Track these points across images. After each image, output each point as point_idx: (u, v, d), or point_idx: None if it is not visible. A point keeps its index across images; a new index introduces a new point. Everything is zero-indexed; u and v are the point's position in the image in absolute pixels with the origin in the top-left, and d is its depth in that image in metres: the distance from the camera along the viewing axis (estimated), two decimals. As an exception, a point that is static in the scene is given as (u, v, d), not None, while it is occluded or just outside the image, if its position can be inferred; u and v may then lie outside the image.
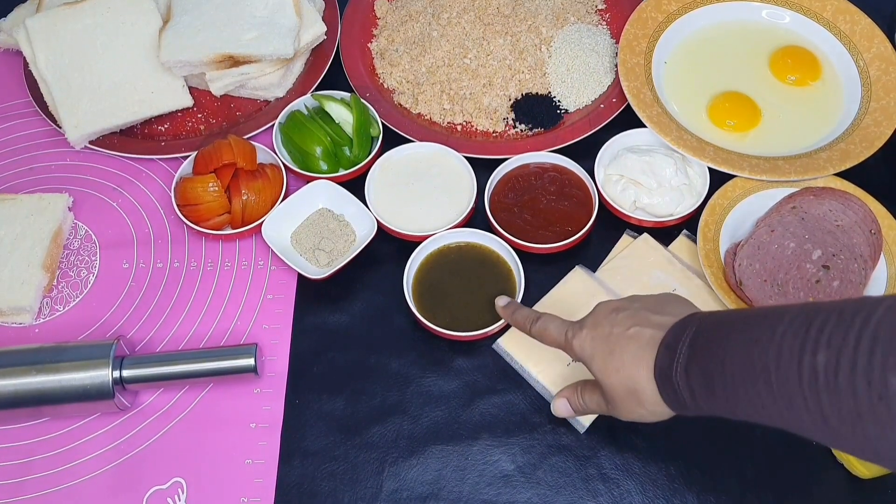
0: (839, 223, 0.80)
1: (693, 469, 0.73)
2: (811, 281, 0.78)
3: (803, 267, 0.78)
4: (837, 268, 0.78)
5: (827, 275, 0.78)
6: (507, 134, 0.94)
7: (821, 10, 0.98)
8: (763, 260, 0.79)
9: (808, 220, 0.81)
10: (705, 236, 0.82)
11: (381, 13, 1.05)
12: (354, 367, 0.80)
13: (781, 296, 0.77)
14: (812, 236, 0.80)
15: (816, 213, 0.81)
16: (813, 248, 0.79)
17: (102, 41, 0.96)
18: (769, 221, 0.81)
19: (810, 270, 0.78)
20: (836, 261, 0.78)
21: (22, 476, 0.75)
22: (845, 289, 0.77)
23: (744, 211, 0.84)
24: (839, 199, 0.82)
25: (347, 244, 0.85)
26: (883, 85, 0.91)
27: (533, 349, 0.78)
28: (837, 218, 0.81)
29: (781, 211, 0.82)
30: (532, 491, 0.73)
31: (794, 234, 0.80)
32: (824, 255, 0.78)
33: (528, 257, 0.82)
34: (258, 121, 0.95)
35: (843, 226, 0.80)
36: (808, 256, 0.79)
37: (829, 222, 0.81)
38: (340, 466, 0.74)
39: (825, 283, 0.78)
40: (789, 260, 0.79)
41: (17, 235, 0.86)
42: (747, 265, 0.78)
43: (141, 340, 0.82)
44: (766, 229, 0.80)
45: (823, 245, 0.79)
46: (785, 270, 0.78)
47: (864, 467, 0.70)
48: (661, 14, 0.98)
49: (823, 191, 0.83)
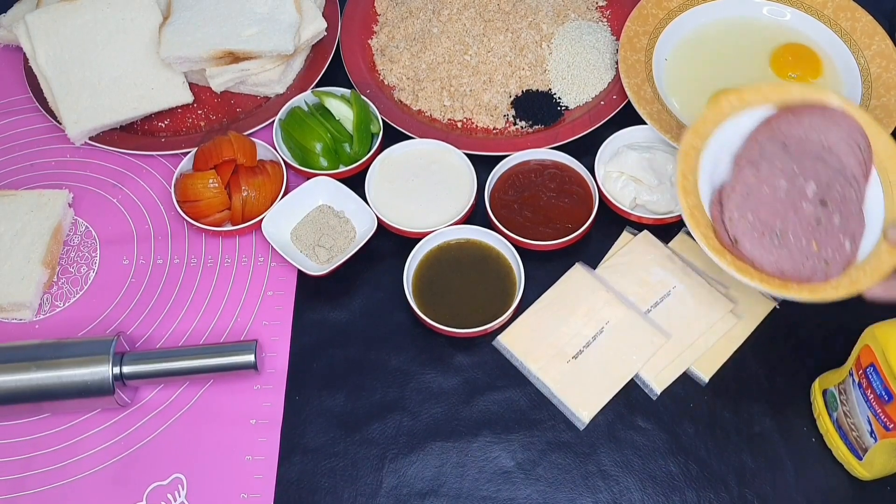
0: (823, 142, 0.72)
1: (692, 466, 0.73)
2: (811, 223, 0.69)
3: (800, 208, 0.69)
4: (835, 200, 0.70)
5: (826, 211, 0.69)
6: (507, 131, 0.94)
7: (821, 7, 0.97)
8: (755, 208, 0.69)
9: (792, 146, 0.71)
10: (685, 189, 0.72)
11: (382, 9, 1.05)
12: (354, 363, 0.80)
13: (783, 247, 0.69)
14: (801, 167, 0.70)
15: (798, 135, 0.72)
16: (806, 182, 0.70)
17: (102, 37, 0.96)
18: (750, 156, 0.71)
19: (808, 210, 0.69)
20: (832, 192, 0.70)
21: (22, 472, 0.75)
22: (847, 223, 0.70)
23: (717, 148, 0.74)
24: (819, 113, 0.73)
25: (347, 241, 0.85)
26: (883, 82, 0.91)
27: (533, 346, 0.79)
28: (821, 136, 0.72)
29: (760, 140, 0.72)
30: (532, 487, 0.73)
31: (782, 169, 0.70)
32: (819, 189, 0.70)
33: (528, 254, 0.82)
34: (258, 117, 0.95)
35: (829, 145, 0.72)
36: (803, 194, 0.69)
37: (813, 144, 0.72)
38: (340, 463, 0.75)
39: (825, 221, 0.69)
40: (783, 203, 0.70)
41: (17, 232, 0.86)
42: (739, 218, 0.69)
43: (141, 337, 0.82)
44: (751, 169, 0.70)
45: (816, 175, 0.70)
46: (781, 217, 0.69)
47: (864, 468, 0.70)
48: (661, 11, 0.98)
49: (801, 108, 0.74)
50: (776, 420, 0.75)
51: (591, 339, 0.79)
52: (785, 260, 0.68)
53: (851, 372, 0.68)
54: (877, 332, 0.65)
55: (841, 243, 0.69)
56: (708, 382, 0.77)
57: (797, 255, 0.69)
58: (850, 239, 0.70)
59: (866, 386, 0.66)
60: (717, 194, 0.72)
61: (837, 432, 0.72)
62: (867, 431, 0.67)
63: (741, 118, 0.75)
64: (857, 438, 0.69)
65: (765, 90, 0.75)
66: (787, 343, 0.79)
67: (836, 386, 0.71)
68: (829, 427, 0.72)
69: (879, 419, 0.65)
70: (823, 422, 0.73)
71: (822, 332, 0.79)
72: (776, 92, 0.75)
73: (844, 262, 0.69)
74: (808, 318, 0.80)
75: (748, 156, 0.72)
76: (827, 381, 0.73)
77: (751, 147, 0.72)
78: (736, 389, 0.77)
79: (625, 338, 0.78)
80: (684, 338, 0.79)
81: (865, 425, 0.67)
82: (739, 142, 0.74)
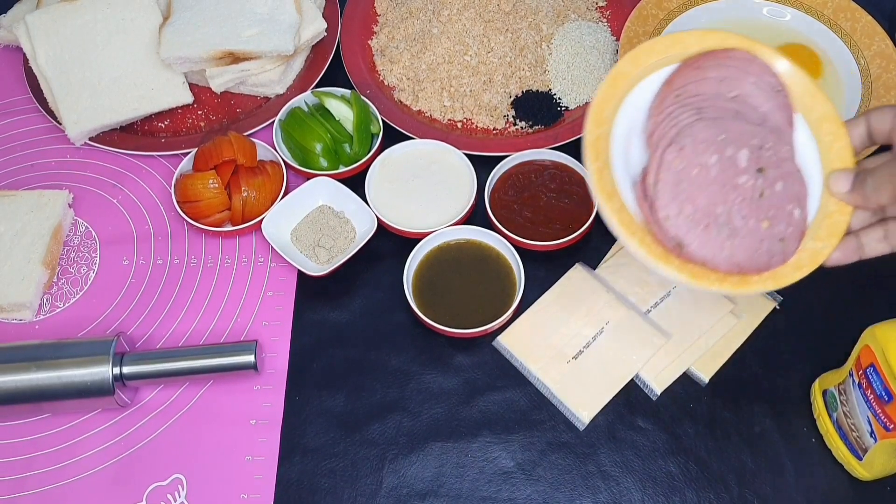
0: (736, 93, 0.62)
1: (692, 467, 0.73)
2: (755, 198, 0.59)
3: (739, 184, 0.59)
4: (771, 163, 0.60)
5: (766, 179, 0.60)
6: (507, 131, 0.94)
7: (821, 8, 0.98)
8: (691, 197, 0.59)
9: (707, 108, 0.61)
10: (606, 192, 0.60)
11: (382, 10, 1.05)
12: (354, 363, 0.80)
13: (734, 237, 0.59)
14: (726, 132, 0.60)
15: (709, 93, 0.62)
16: (737, 150, 0.60)
17: (102, 37, 0.96)
18: (664, 132, 0.61)
19: (747, 183, 0.59)
20: (766, 154, 0.60)
21: (22, 472, 0.75)
22: (790, 186, 0.60)
23: (625, 127, 0.63)
24: (723, 61, 0.63)
25: (347, 241, 0.85)
26: (883, 83, 0.91)
27: (533, 347, 0.79)
28: (732, 88, 0.62)
29: (669, 109, 0.61)
30: (532, 488, 0.73)
31: (705, 140, 0.59)
32: (752, 154, 0.60)
33: (528, 254, 0.82)
34: (258, 117, 0.95)
35: (743, 95, 0.62)
36: (736, 165, 0.59)
37: (726, 99, 0.61)
38: (340, 463, 0.75)
39: (769, 192, 0.60)
40: (719, 182, 0.59)
41: (17, 232, 0.86)
42: (676, 214, 0.58)
43: (141, 337, 0.82)
44: (674, 149, 0.59)
45: (742, 139, 0.60)
46: (721, 199, 0.59)
47: (864, 469, 0.70)
48: (661, 11, 0.98)
49: (702, 58, 0.63)
50: (776, 420, 0.75)
51: (591, 340, 0.79)
52: (739, 251, 0.59)
53: (851, 372, 0.68)
54: (877, 332, 0.65)
55: (790, 213, 0.60)
56: (708, 383, 0.77)
57: (750, 240, 0.59)
58: (798, 205, 0.60)
59: (866, 386, 0.66)
60: (639, 188, 0.60)
61: (837, 432, 0.72)
62: (867, 432, 0.67)
63: (642, 87, 0.64)
64: (857, 439, 0.69)
65: (658, 46, 0.64)
66: (787, 343, 0.79)
67: (835, 386, 0.71)
68: (829, 427, 0.72)
69: (879, 419, 0.65)
70: (823, 422, 0.73)
71: (822, 332, 0.79)
72: (672, 46, 0.64)
73: (799, 233, 0.60)
74: (808, 318, 0.80)
75: (663, 132, 0.61)
76: (827, 381, 0.73)
77: (662, 120, 0.61)
78: (736, 389, 0.77)
79: (625, 338, 0.78)
80: (684, 338, 0.79)
81: (865, 425, 0.67)
82: (646, 116, 0.63)
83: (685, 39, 0.64)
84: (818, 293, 0.80)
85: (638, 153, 0.62)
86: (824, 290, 0.80)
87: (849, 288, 0.81)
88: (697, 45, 0.64)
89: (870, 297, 0.81)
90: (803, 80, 0.64)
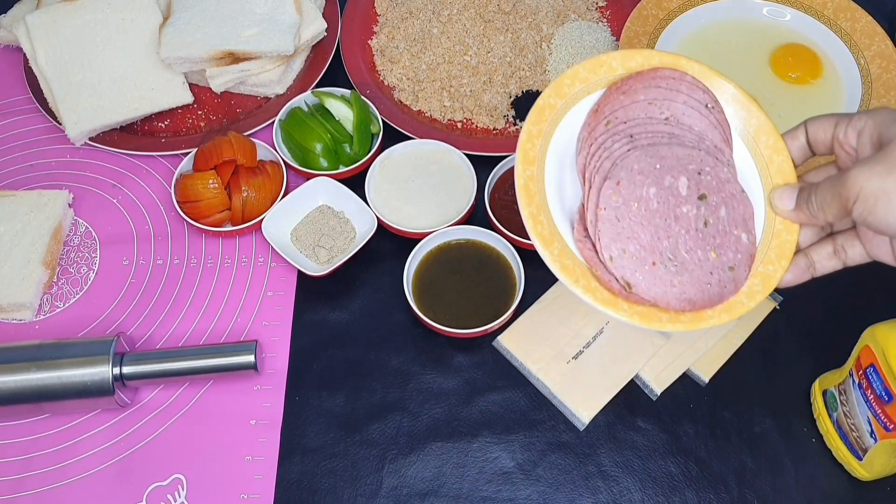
0: (667, 115, 0.59)
1: (692, 467, 0.73)
2: (699, 228, 0.58)
3: (680, 214, 0.57)
4: (712, 189, 0.58)
5: (708, 206, 0.58)
6: (507, 131, 0.94)
7: (821, 8, 0.98)
8: (633, 234, 0.57)
9: (640, 135, 0.58)
10: (543, 237, 0.57)
11: (382, 10, 1.05)
12: (354, 364, 0.80)
13: (682, 272, 0.57)
14: (661, 161, 0.57)
15: (639, 116, 0.59)
16: (675, 179, 0.57)
17: (103, 37, 0.96)
18: (598, 164, 0.58)
19: (690, 213, 0.57)
20: (706, 179, 0.58)
21: (22, 472, 0.75)
22: (734, 211, 0.58)
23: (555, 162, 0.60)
24: (650, 81, 0.60)
25: (347, 241, 0.85)
26: (883, 83, 0.91)
27: (533, 347, 0.79)
28: (662, 109, 0.59)
29: (599, 138, 0.59)
30: (532, 488, 0.73)
31: (641, 171, 0.57)
32: (691, 181, 0.57)
33: (528, 255, 0.82)
34: (258, 117, 0.95)
35: (675, 116, 0.59)
36: (677, 195, 0.57)
37: (658, 123, 0.59)
38: (340, 463, 0.75)
39: (713, 219, 0.58)
40: (661, 214, 0.57)
41: (18, 232, 0.86)
42: (620, 254, 0.56)
43: (141, 337, 0.82)
44: (610, 184, 0.57)
45: (679, 165, 0.58)
46: (665, 232, 0.57)
47: (863, 469, 0.70)
48: (661, 11, 0.98)
49: (628, 81, 0.61)
50: (776, 420, 0.75)
51: (591, 340, 0.79)
52: (689, 287, 0.57)
53: (851, 372, 0.68)
54: (877, 332, 0.65)
55: (738, 239, 0.59)
56: (708, 383, 0.77)
57: (699, 274, 0.57)
58: (744, 229, 0.59)
59: (866, 386, 0.66)
60: (577, 227, 0.58)
61: (837, 433, 0.72)
62: (867, 432, 0.67)
63: (569, 118, 0.61)
64: (856, 439, 0.69)
65: (581, 73, 0.62)
66: (787, 343, 0.79)
67: (835, 386, 0.71)
68: (829, 427, 0.72)
69: (879, 420, 0.65)
70: (823, 422, 0.73)
71: (822, 333, 0.79)
72: (595, 70, 0.62)
73: (748, 258, 0.59)
74: (808, 318, 0.80)
75: (596, 165, 0.58)
76: (827, 381, 0.73)
77: (594, 152, 0.59)
78: (736, 390, 0.77)
79: (625, 338, 0.78)
80: (684, 338, 0.79)
81: (865, 426, 0.67)
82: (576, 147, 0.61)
83: (608, 62, 0.62)
84: (818, 293, 0.80)
85: (572, 189, 0.60)
86: (824, 290, 0.80)
87: (849, 288, 0.81)
88: (622, 67, 0.61)
89: (870, 297, 0.81)
90: (735, 92, 0.62)
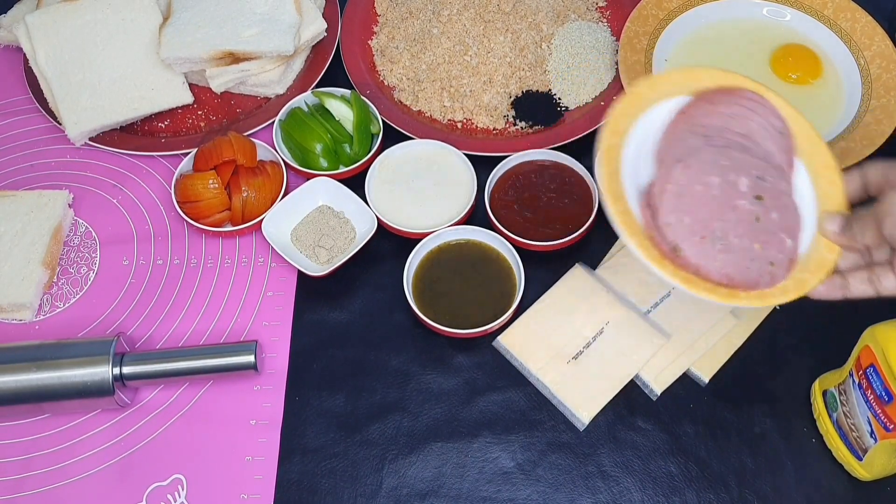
0: (743, 131, 0.66)
1: (692, 467, 0.73)
2: (751, 222, 0.63)
3: (737, 206, 0.63)
4: (769, 194, 0.64)
5: (763, 207, 0.64)
6: (507, 131, 0.94)
7: (821, 8, 0.98)
8: (691, 210, 0.63)
9: (715, 137, 0.66)
10: (614, 194, 0.64)
11: (382, 10, 1.05)
12: (354, 364, 0.80)
13: (726, 251, 0.62)
14: (730, 160, 0.65)
15: (718, 125, 0.67)
16: (737, 177, 0.64)
17: (103, 37, 0.96)
18: (675, 152, 0.66)
19: (745, 207, 0.63)
20: (765, 185, 0.64)
21: (22, 473, 0.75)
22: (784, 218, 0.64)
23: (637, 143, 0.68)
24: (735, 99, 0.68)
25: (347, 241, 0.85)
26: (883, 83, 0.91)
27: (533, 347, 0.79)
28: (740, 125, 0.67)
29: (680, 133, 0.67)
30: (532, 488, 0.73)
31: (711, 163, 0.64)
32: (752, 183, 0.64)
33: (528, 255, 0.82)
34: (258, 118, 0.95)
35: (751, 133, 0.67)
36: (737, 190, 0.64)
37: (734, 133, 0.66)
38: (340, 463, 0.75)
39: (764, 218, 0.64)
40: (719, 201, 0.63)
41: (18, 232, 0.86)
42: (676, 222, 0.63)
43: (141, 337, 0.82)
44: (681, 166, 0.64)
45: (745, 168, 0.64)
46: (719, 216, 0.63)
47: (864, 469, 0.70)
48: (661, 11, 0.98)
49: (716, 94, 0.69)
50: (776, 420, 0.75)
51: (591, 340, 0.79)
52: (730, 265, 0.62)
53: (851, 372, 0.68)
54: (877, 332, 0.65)
55: (783, 241, 0.64)
56: (708, 383, 0.77)
57: (742, 258, 0.63)
58: (790, 235, 0.64)
59: (866, 386, 0.66)
60: (644, 197, 0.65)
61: (837, 433, 0.72)
62: (867, 432, 0.67)
63: (656, 111, 0.69)
64: (857, 439, 0.69)
65: (675, 77, 0.71)
66: (787, 343, 0.79)
67: (836, 386, 0.71)
68: (829, 427, 0.72)
69: (879, 420, 0.65)
70: (823, 422, 0.73)
71: (822, 333, 0.79)
72: (688, 79, 0.70)
73: (788, 261, 0.64)
74: (809, 318, 0.80)
75: (673, 152, 0.66)
76: (827, 381, 0.73)
77: (672, 142, 0.67)
78: (736, 390, 0.77)
79: (625, 338, 0.78)
80: (684, 338, 0.79)
81: (865, 426, 0.67)
82: (658, 136, 0.68)
83: (701, 75, 0.70)
84: (818, 293, 0.80)
85: (646, 168, 0.67)
86: (824, 290, 0.80)
87: (849, 288, 0.81)
88: (711, 81, 0.70)
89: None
90: (807, 128, 0.69)
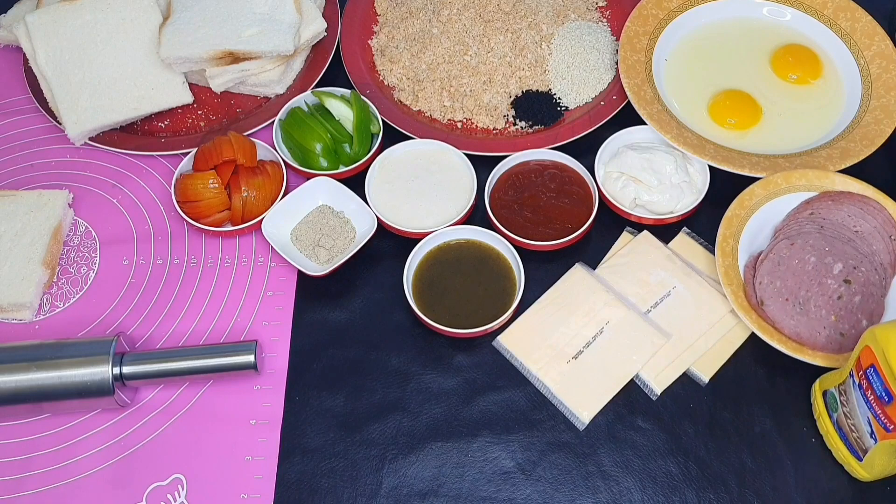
0: (857, 229, 0.79)
1: (692, 467, 0.73)
2: (833, 297, 0.75)
3: (825, 283, 0.76)
4: (858, 281, 0.76)
5: (848, 289, 0.75)
6: (507, 131, 0.94)
7: (821, 8, 0.98)
8: (784, 277, 0.76)
9: (827, 228, 0.78)
10: (723, 251, 0.79)
11: (382, 10, 1.05)
12: (354, 363, 0.80)
13: (803, 314, 0.75)
14: (832, 248, 0.77)
15: (835, 219, 0.79)
16: (834, 262, 0.76)
17: (102, 37, 0.96)
18: (787, 231, 0.79)
19: (832, 286, 0.76)
20: (857, 273, 0.76)
21: (22, 472, 0.75)
22: (866, 303, 0.75)
23: (761, 219, 0.82)
24: (857, 202, 0.80)
25: (347, 241, 0.85)
26: (883, 83, 0.91)
27: (533, 347, 0.79)
28: (856, 224, 0.79)
29: (799, 218, 0.80)
30: (531, 488, 0.73)
31: (813, 246, 0.77)
32: (845, 269, 0.76)
33: (528, 254, 0.82)
34: (258, 117, 0.95)
35: (862, 232, 0.79)
36: (829, 271, 0.76)
37: (847, 229, 0.79)
38: (340, 463, 0.75)
39: (847, 298, 0.75)
40: (810, 276, 0.76)
41: (17, 232, 0.86)
42: (768, 283, 0.76)
43: (141, 337, 0.82)
44: (786, 242, 0.78)
45: (844, 257, 0.77)
46: (806, 287, 0.76)
47: (864, 469, 0.70)
48: (661, 11, 0.98)
49: (842, 195, 0.81)
50: (776, 420, 0.75)
51: (591, 340, 0.79)
52: (803, 326, 0.75)
53: (852, 373, 0.68)
54: (877, 333, 0.65)
55: (859, 321, 0.75)
56: (708, 383, 0.77)
57: (815, 323, 0.75)
58: (868, 319, 0.75)
59: (866, 387, 0.66)
60: (752, 259, 0.79)
61: (837, 433, 0.72)
62: (867, 432, 0.67)
63: (786, 198, 0.83)
64: (857, 439, 0.69)
65: (810, 176, 0.83)
66: (787, 343, 0.79)
67: (836, 387, 0.71)
68: (829, 428, 0.72)
69: (879, 420, 0.65)
70: (824, 422, 0.73)
71: (822, 333, 0.79)
72: (821, 179, 0.83)
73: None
74: (808, 318, 0.80)
75: (786, 231, 0.79)
76: (827, 381, 0.73)
77: (790, 224, 0.80)
78: (736, 390, 0.77)
79: (625, 338, 0.78)
80: (684, 338, 0.79)
81: (865, 426, 0.67)
82: (781, 217, 0.82)
83: (834, 179, 0.83)
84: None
85: (764, 238, 0.82)
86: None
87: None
88: (842, 186, 0.82)
89: (870, 297, 0.81)
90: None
